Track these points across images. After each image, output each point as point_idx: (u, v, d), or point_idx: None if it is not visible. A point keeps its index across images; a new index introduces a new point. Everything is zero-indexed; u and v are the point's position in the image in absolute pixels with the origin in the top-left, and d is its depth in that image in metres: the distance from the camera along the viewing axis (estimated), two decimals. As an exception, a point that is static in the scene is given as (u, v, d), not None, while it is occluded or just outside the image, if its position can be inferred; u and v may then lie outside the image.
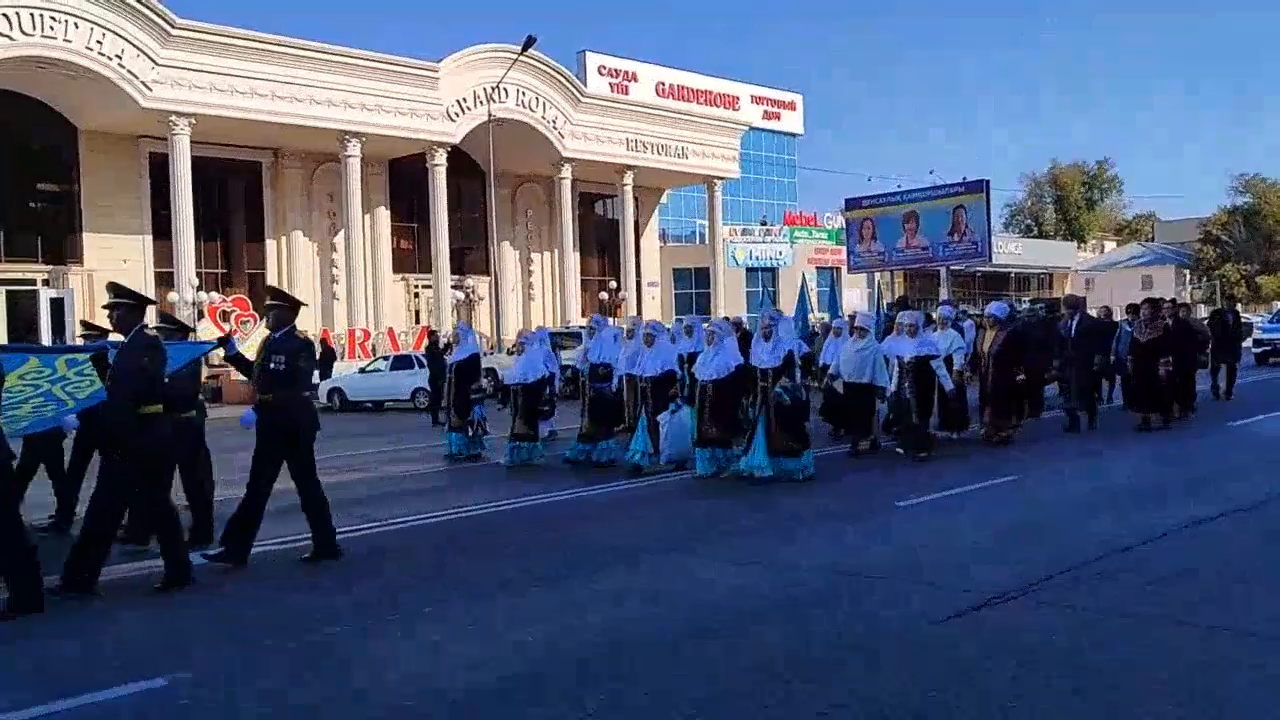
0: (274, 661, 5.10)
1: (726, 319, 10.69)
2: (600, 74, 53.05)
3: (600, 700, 4.38)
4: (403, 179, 36.85)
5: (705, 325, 11.22)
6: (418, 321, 36.43)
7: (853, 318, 12.66)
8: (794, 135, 65.43)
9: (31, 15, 26.10)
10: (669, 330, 13.01)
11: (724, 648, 5.04)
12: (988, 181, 28.83)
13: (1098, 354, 13.74)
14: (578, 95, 38.68)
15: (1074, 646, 4.84)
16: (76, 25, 26.79)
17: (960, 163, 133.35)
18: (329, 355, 28.60)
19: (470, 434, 12.98)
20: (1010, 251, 61.53)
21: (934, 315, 13.67)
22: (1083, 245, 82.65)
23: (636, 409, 11.25)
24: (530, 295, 41.74)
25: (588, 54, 53.42)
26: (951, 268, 33.49)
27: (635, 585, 6.38)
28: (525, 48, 31.87)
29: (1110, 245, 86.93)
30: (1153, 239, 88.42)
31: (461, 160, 35.94)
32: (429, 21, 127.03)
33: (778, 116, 62.96)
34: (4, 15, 25.66)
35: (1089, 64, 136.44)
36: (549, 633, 5.37)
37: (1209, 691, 4.26)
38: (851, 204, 31.63)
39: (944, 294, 31.35)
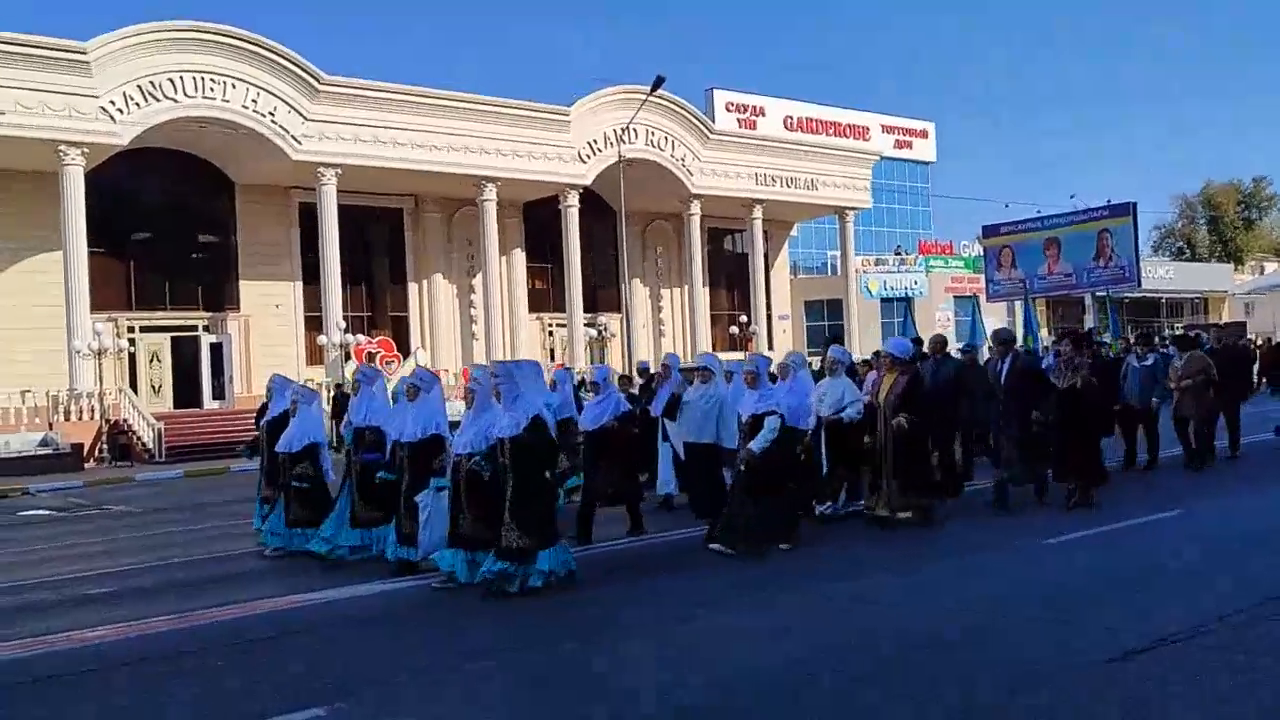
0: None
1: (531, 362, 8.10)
2: (728, 110, 53.42)
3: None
4: (537, 221, 37.66)
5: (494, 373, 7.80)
6: (552, 359, 37.06)
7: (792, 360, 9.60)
8: (926, 163, 64.43)
9: (194, 79, 27.90)
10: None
11: (879, 691, 4.94)
12: (1134, 204, 27.85)
13: (1035, 408, 10.00)
14: (706, 132, 38.95)
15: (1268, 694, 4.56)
16: (234, 86, 28.48)
17: (1103, 185, 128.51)
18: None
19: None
20: (1161, 276, 58.78)
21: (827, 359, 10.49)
22: (1240, 267, 78.40)
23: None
24: (661, 331, 42.01)
25: (715, 91, 53.89)
26: (1097, 294, 32.31)
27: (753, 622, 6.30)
28: (654, 88, 32.27)
29: (1271, 266, 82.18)
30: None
31: (593, 200, 36.58)
32: (555, 63, 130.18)
33: (909, 145, 62.18)
34: (169, 80, 27.51)
35: (1244, 75, 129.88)
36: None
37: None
38: (989, 231, 30.96)
39: (1090, 322, 30.24)
